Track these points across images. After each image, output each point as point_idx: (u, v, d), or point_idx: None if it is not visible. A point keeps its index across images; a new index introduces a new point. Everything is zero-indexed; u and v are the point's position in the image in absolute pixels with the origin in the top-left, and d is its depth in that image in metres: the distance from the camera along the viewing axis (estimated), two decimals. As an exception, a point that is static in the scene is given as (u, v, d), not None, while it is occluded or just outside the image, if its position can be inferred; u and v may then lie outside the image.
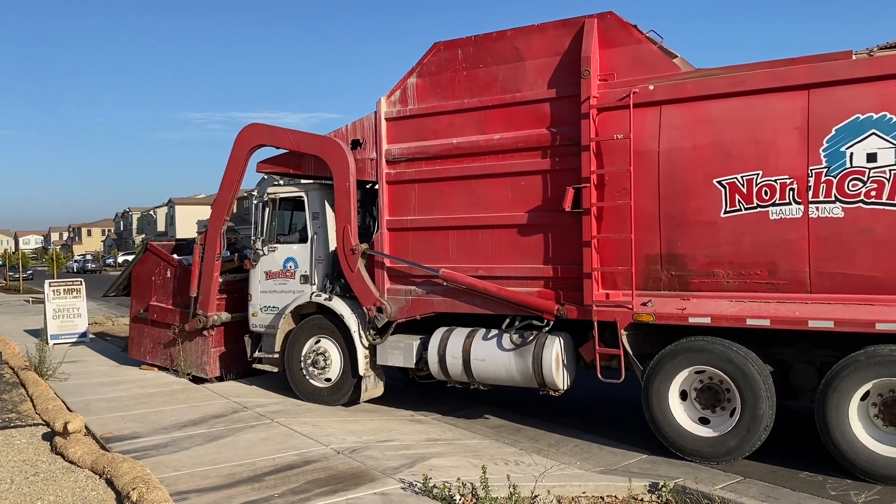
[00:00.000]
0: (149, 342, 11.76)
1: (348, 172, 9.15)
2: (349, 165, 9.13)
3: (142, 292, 11.81)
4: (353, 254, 9.08)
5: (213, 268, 10.50)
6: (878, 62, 6.48)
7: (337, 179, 9.28)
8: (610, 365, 7.74)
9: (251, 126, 10.23)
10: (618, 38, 7.58)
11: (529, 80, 8.03)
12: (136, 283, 11.99)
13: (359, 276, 9.10)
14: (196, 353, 11.00)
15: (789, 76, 6.72)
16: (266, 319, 10.23)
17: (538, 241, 8.03)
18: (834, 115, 6.50)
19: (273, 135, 10.02)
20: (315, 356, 9.63)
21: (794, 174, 6.64)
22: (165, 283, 11.47)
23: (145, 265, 11.87)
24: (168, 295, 11.38)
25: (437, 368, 8.73)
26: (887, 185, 6.28)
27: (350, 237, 9.12)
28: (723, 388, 7.09)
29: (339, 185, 9.26)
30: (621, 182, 7.38)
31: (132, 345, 12.15)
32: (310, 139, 9.62)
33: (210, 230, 10.54)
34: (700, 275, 7.13)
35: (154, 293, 11.58)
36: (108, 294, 13.52)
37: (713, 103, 7.03)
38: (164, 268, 11.50)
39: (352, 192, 9.15)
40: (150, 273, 11.72)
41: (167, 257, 11.53)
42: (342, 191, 9.22)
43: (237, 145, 10.24)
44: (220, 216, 10.49)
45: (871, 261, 6.39)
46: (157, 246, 11.90)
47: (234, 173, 10.33)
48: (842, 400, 6.41)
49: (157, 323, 11.52)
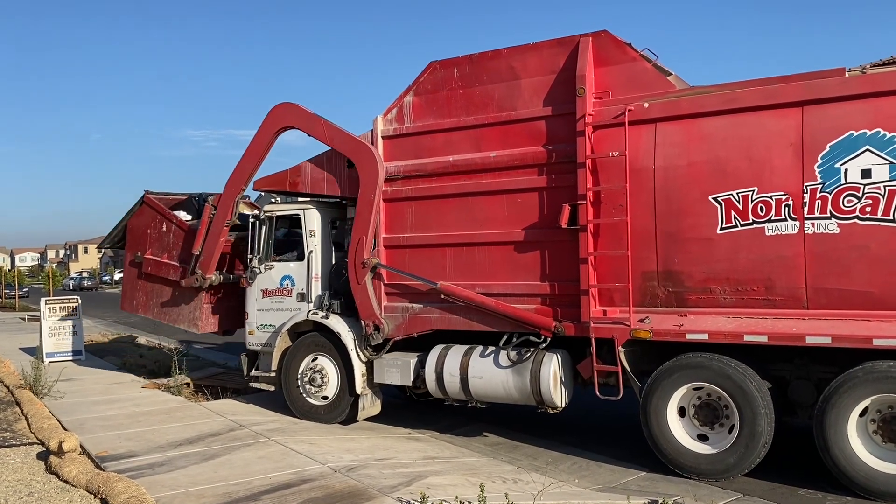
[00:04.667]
0: (142, 295, 11.68)
1: (376, 183, 8.93)
2: (379, 176, 8.92)
3: (136, 245, 11.66)
4: (364, 267, 8.99)
5: (220, 232, 10.39)
6: (871, 79, 6.53)
7: (363, 187, 9.02)
8: (608, 382, 7.73)
9: (286, 105, 9.86)
10: (612, 57, 7.64)
11: (525, 98, 8.08)
12: (132, 236, 11.83)
13: (364, 288, 9.07)
14: (189, 308, 11.00)
15: (783, 93, 6.77)
16: (263, 337, 10.20)
17: (535, 258, 8.04)
18: (828, 131, 6.54)
19: (307, 120, 9.63)
20: (312, 374, 9.60)
21: (790, 190, 6.67)
22: (161, 237, 11.34)
23: (141, 218, 11.65)
24: (163, 249, 11.28)
25: (434, 386, 8.70)
26: (882, 200, 6.31)
27: (364, 248, 8.98)
28: (721, 404, 7.08)
29: (364, 193, 9.01)
30: (617, 199, 7.40)
31: (125, 298, 12.04)
32: (345, 137, 9.26)
33: (225, 194, 10.38)
34: (697, 291, 7.14)
35: (149, 246, 11.45)
36: (103, 246, 13.19)
37: (708, 120, 7.07)
38: (160, 221, 11.35)
39: (375, 203, 8.94)
40: (145, 226, 11.55)
41: (164, 211, 11.37)
42: (366, 200, 9.00)
43: (267, 122, 9.95)
44: (236, 184, 10.29)
45: (866, 276, 6.40)
46: (154, 199, 11.59)
47: (257, 147, 10.06)
48: (840, 416, 6.40)
49: (150, 276, 11.44)
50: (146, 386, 11.98)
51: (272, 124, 9.94)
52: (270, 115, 9.94)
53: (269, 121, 9.95)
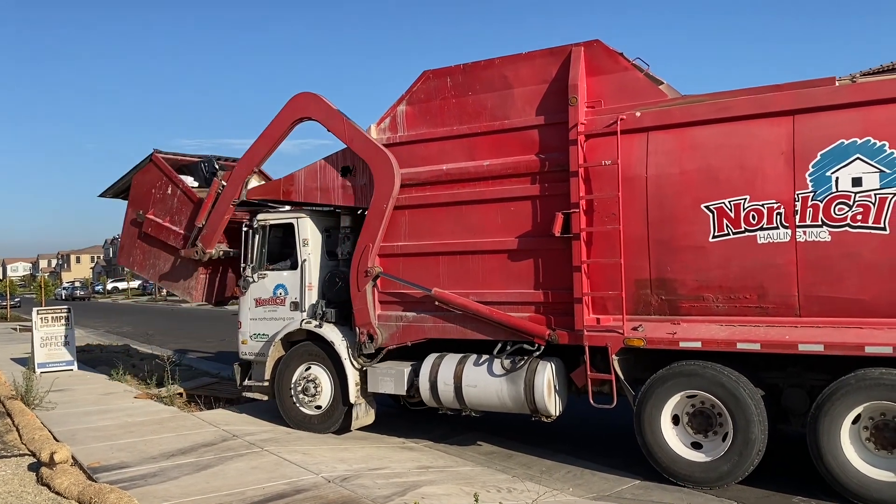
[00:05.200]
0: (139, 254, 11.62)
1: (391, 193, 8.74)
2: (394, 186, 8.76)
3: (139, 203, 11.53)
4: (367, 276, 8.94)
5: (226, 210, 10.29)
6: (861, 88, 6.58)
7: (377, 196, 8.85)
8: (602, 390, 7.72)
9: (309, 96, 9.56)
10: (604, 66, 7.68)
11: (518, 107, 8.10)
12: (135, 192, 11.67)
13: (363, 296, 9.04)
14: (185, 276, 10.97)
15: (774, 102, 6.81)
16: (256, 347, 10.17)
17: (528, 267, 8.05)
18: (819, 140, 6.58)
19: (329, 115, 9.36)
20: (305, 383, 9.57)
21: (781, 199, 6.70)
22: (165, 199, 11.20)
23: (147, 176, 11.46)
24: (166, 212, 11.17)
25: (428, 395, 8.69)
26: (873, 208, 6.35)
27: (369, 256, 8.91)
28: (715, 412, 7.09)
29: (377, 202, 8.85)
30: (610, 207, 7.42)
31: (122, 252, 11.94)
32: (365, 141, 9.01)
33: (235, 173, 10.27)
34: (690, 299, 7.16)
35: (152, 206, 11.33)
36: (105, 195, 12.71)
37: (700, 129, 7.11)
38: (167, 184, 11.19)
39: (387, 213, 8.82)
40: (150, 185, 11.37)
41: (170, 174, 11.20)
42: (377, 210, 8.86)
43: (286, 110, 9.71)
44: (247, 165, 10.17)
45: (858, 284, 6.43)
46: (162, 159, 11.36)
47: (273, 133, 9.89)
48: (833, 424, 6.41)
49: (150, 237, 11.36)
50: (139, 396, 11.91)
51: (291, 113, 9.71)
52: (291, 103, 9.69)
53: (289, 109, 9.72)
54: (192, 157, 12.01)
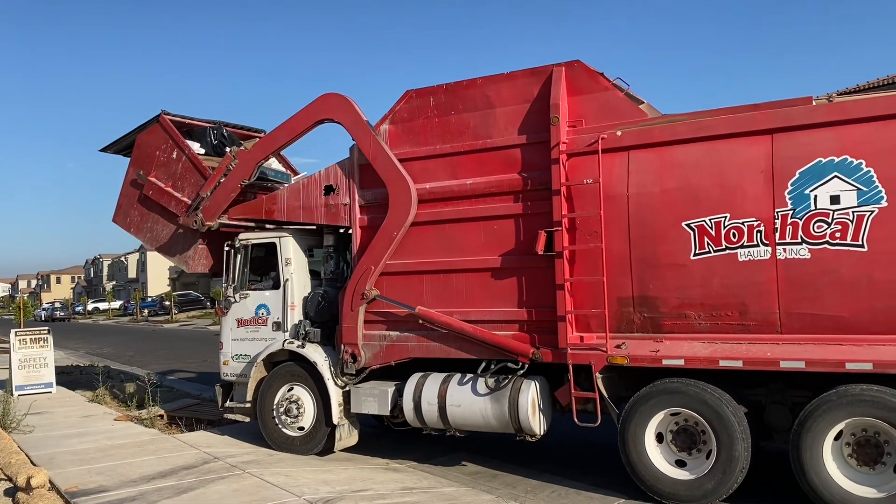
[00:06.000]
0: (137, 216, 11.27)
1: (403, 222, 8.55)
2: (409, 216, 8.52)
3: (141, 163, 11.07)
4: (363, 298, 8.85)
5: (234, 187, 9.99)
6: (838, 107, 6.68)
7: (389, 221, 8.65)
8: (586, 408, 7.72)
9: (340, 99, 9.19)
10: (585, 86, 7.75)
11: (500, 126, 8.15)
12: (138, 152, 11.17)
13: (355, 316, 8.94)
14: (182, 244, 10.73)
15: (753, 121, 6.89)
16: (238, 368, 10.08)
17: (512, 285, 8.05)
18: (797, 158, 6.66)
19: (357, 125, 9.00)
20: (288, 404, 9.48)
21: (761, 216, 6.77)
22: (169, 163, 10.79)
23: (152, 137, 10.98)
24: (169, 177, 10.79)
25: (412, 415, 8.63)
26: (851, 226, 6.42)
27: (369, 279, 8.77)
28: (698, 430, 7.09)
29: (387, 228, 8.66)
30: (592, 225, 7.46)
31: (119, 211, 11.53)
32: (389, 162, 8.69)
33: (250, 153, 9.98)
34: (672, 317, 7.19)
35: (154, 169, 10.89)
36: (106, 150, 12.04)
37: (680, 148, 7.17)
38: (172, 147, 10.75)
39: (395, 240, 8.64)
40: (155, 147, 10.92)
41: (177, 138, 10.75)
42: (386, 235, 8.66)
43: (313, 107, 9.36)
44: (264, 149, 9.94)
45: (838, 301, 6.48)
46: (169, 122, 10.86)
47: (295, 126, 9.56)
48: (815, 440, 6.43)
49: (149, 200, 11.03)
50: (118, 418, 11.74)
51: (317, 112, 9.37)
52: (320, 102, 9.33)
53: (316, 108, 9.38)
54: (200, 122, 11.51)
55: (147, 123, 11.12)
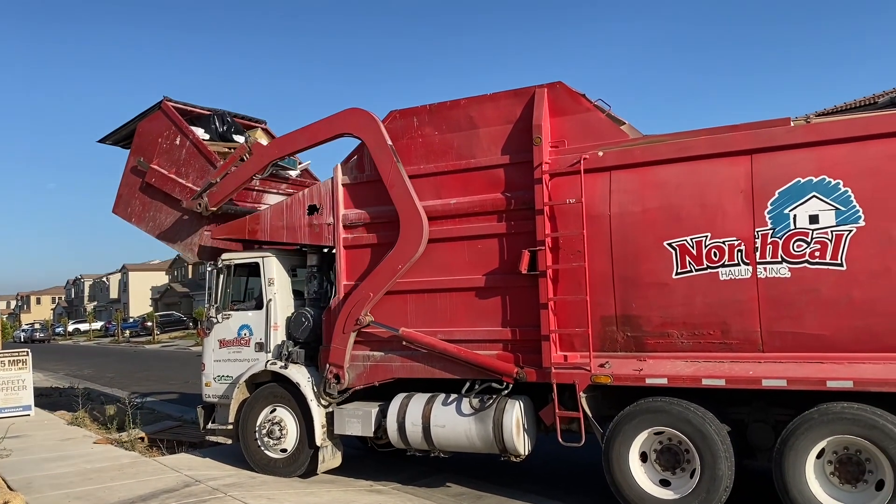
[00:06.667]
0: (139, 205, 11.01)
1: (410, 257, 8.39)
2: (417, 252, 8.36)
3: (143, 151, 10.81)
4: (357, 324, 8.71)
5: (245, 179, 9.82)
6: (816, 128, 6.78)
7: (396, 254, 8.48)
8: (570, 428, 7.70)
9: (369, 117, 8.85)
10: (567, 107, 7.82)
11: (483, 146, 8.19)
12: (140, 140, 10.94)
13: (346, 338, 8.82)
14: (187, 232, 10.53)
15: (732, 142, 6.98)
16: (220, 389, 9.99)
17: (496, 304, 8.06)
18: (776, 178, 6.74)
19: (380, 146, 8.71)
20: (270, 426, 9.39)
21: (742, 236, 6.83)
22: (172, 149, 10.56)
23: (154, 124, 10.76)
24: (172, 163, 10.58)
25: (396, 437, 8.57)
26: (830, 245, 6.49)
27: (366, 305, 8.65)
28: (682, 449, 7.10)
29: (392, 260, 8.51)
30: (575, 245, 7.50)
31: (119, 202, 11.26)
32: (406, 193, 8.46)
33: (267, 149, 9.81)
34: (655, 335, 7.21)
35: (157, 157, 10.65)
36: (105, 140, 11.77)
37: (661, 168, 7.24)
38: (175, 134, 10.55)
39: (399, 273, 8.48)
40: (157, 134, 10.69)
41: (181, 124, 10.55)
42: (390, 267, 8.52)
43: (339, 119, 9.09)
44: (280, 149, 9.78)
45: (818, 320, 6.54)
46: (172, 108, 10.68)
47: (316, 134, 9.33)
48: (798, 458, 6.45)
49: (152, 188, 10.79)
50: (98, 441, 11.58)
51: (341, 125, 9.10)
52: (346, 115, 9.06)
53: (341, 120, 9.11)
54: (203, 110, 11.34)
55: (148, 111, 10.89)
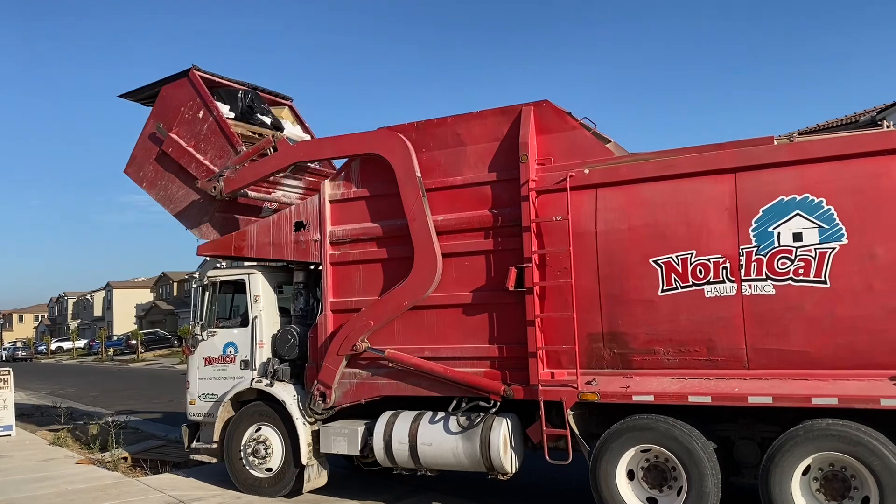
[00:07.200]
0: (151, 171, 10.70)
1: (420, 295, 8.26)
2: (427, 291, 8.22)
3: (163, 116, 10.52)
4: (353, 349, 8.60)
5: (264, 173, 9.60)
6: (798, 147, 6.86)
7: (405, 289, 8.34)
8: (557, 446, 7.67)
9: (400, 140, 8.53)
10: (553, 125, 7.87)
11: (471, 164, 8.22)
12: (162, 103, 10.65)
13: (339, 360, 8.73)
14: (197, 210, 10.33)
15: (716, 160, 7.04)
16: (204, 407, 9.89)
17: (483, 321, 8.05)
18: (760, 196, 6.80)
19: (408, 174, 8.39)
20: (255, 445, 9.31)
21: (727, 253, 6.88)
22: (194, 122, 10.25)
23: (179, 91, 10.46)
24: (192, 136, 10.27)
25: (382, 455, 8.51)
26: (813, 263, 6.55)
27: (365, 332, 8.54)
28: (669, 466, 7.09)
29: (399, 295, 8.38)
30: (562, 262, 7.52)
31: (132, 163, 10.94)
32: (426, 228, 8.24)
33: (292, 150, 9.55)
34: (641, 352, 7.23)
35: (177, 126, 10.37)
36: (125, 96, 11.19)
37: (646, 186, 7.29)
38: (199, 106, 10.26)
39: (403, 310, 8.39)
40: (180, 102, 10.42)
41: (207, 98, 10.26)
42: (396, 303, 8.41)
43: (368, 137, 8.79)
44: (306, 153, 9.58)
45: (803, 336, 6.57)
46: (199, 79, 10.37)
47: (344, 147, 9.06)
48: (784, 475, 6.46)
49: (167, 157, 10.50)
50: (81, 461, 11.44)
51: (372, 144, 8.76)
52: (379, 135, 8.75)
53: (373, 139, 8.78)
54: (231, 82, 10.95)
55: (175, 76, 10.58)
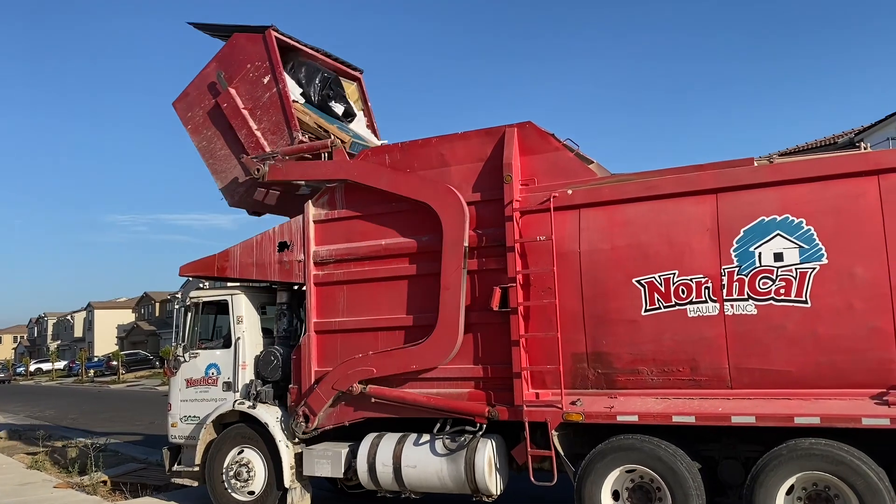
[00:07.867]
0: (200, 118, 10.34)
1: (437, 363, 8.09)
2: (447, 358, 8.03)
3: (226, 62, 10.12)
4: (349, 391, 8.48)
5: (310, 175, 9.30)
6: (778, 168, 6.94)
7: (424, 350, 8.15)
8: (542, 466, 7.64)
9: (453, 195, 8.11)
10: (537, 146, 7.93)
11: (455, 184, 8.24)
12: (229, 49, 10.20)
13: (331, 393, 8.62)
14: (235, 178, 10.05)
15: (698, 181, 7.11)
16: (186, 430, 9.77)
17: (468, 341, 8.03)
18: (741, 217, 6.87)
19: (454, 238, 7.98)
20: (238, 468, 9.20)
21: (709, 273, 6.92)
22: (257, 84, 9.91)
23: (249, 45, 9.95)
24: (251, 99, 9.95)
25: (366, 478, 8.43)
26: (794, 282, 6.60)
27: (366, 377, 8.42)
28: (654, 486, 7.07)
29: (417, 356, 8.22)
30: (546, 282, 7.53)
31: (183, 99, 10.51)
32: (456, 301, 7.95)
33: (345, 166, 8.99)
34: (625, 372, 7.23)
35: (239, 81, 10.02)
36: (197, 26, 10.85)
37: (629, 207, 7.34)
38: (267, 71, 9.84)
39: (415, 370, 8.24)
40: (248, 58, 9.95)
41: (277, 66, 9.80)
42: (405, 363, 8.26)
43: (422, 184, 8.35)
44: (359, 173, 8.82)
45: (785, 356, 6.61)
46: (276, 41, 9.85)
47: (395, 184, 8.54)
48: (768, 495, 6.45)
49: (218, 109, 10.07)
50: (59, 485, 11.24)
51: (424, 192, 8.35)
52: (436, 190, 8.27)
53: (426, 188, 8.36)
54: (307, 47, 10.48)
55: (252, 28, 10.08)
